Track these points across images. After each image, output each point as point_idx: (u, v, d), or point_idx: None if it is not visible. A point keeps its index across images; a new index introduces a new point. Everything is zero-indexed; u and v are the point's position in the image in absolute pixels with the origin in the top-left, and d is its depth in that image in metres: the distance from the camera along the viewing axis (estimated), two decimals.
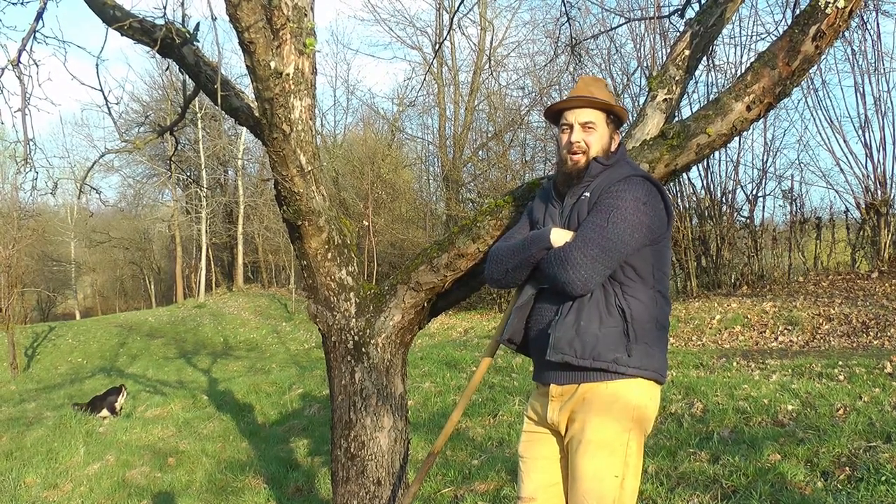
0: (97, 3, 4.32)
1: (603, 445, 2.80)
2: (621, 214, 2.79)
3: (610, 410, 2.81)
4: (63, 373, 21.57)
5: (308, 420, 9.42)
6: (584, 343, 2.79)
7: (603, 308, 2.82)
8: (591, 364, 2.79)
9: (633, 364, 2.79)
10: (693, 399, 7.16)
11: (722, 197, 16.45)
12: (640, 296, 2.84)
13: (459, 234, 3.94)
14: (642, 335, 2.81)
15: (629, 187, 2.85)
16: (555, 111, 3.12)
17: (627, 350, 2.78)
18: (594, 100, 3.01)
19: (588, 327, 2.80)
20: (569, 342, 2.81)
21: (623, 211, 2.79)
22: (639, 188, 2.85)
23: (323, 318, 4.13)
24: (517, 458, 3.16)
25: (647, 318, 2.83)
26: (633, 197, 2.82)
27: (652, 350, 2.84)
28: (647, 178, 2.92)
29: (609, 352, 2.78)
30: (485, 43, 26.22)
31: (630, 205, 2.80)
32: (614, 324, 2.80)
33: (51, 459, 9.04)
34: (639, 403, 2.83)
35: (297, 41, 3.69)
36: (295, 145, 3.66)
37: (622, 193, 2.83)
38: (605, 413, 2.81)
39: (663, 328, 2.91)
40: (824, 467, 4.86)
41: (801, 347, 10.64)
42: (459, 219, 20.68)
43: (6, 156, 34.86)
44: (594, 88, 3.05)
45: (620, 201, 2.81)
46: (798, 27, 3.38)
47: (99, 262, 47.43)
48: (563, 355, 2.81)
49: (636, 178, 2.89)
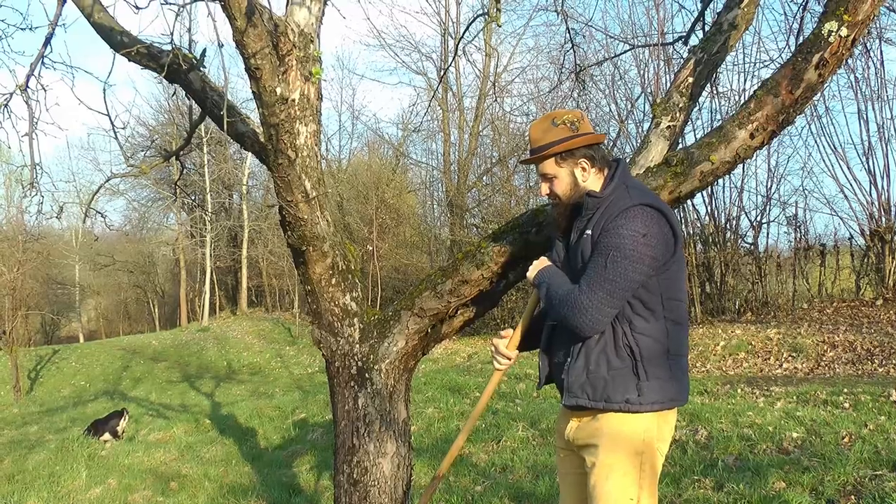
0: (105, 28, 4.37)
1: (616, 468, 2.83)
2: (622, 253, 2.76)
3: (620, 436, 2.84)
4: (66, 396, 21.56)
5: (311, 445, 9.38)
6: (595, 388, 2.85)
7: (611, 350, 2.83)
8: (605, 406, 2.84)
9: (645, 401, 2.81)
10: (697, 426, 7.13)
11: (726, 223, 16.46)
12: (650, 331, 2.83)
13: (463, 261, 3.94)
14: (653, 371, 2.82)
15: (626, 222, 2.79)
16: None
17: (638, 389, 2.80)
18: (534, 155, 3.01)
19: (597, 371, 2.84)
20: (580, 386, 2.88)
21: (623, 249, 2.76)
22: (636, 220, 2.79)
23: (326, 343, 4.13)
24: (521, 482, 3.16)
25: (658, 353, 2.83)
26: (632, 232, 2.77)
27: (666, 383, 2.84)
28: (646, 204, 2.83)
29: (619, 394, 2.81)
30: (489, 69, 26.36)
31: (629, 241, 2.76)
32: (623, 364, 2.81)
33: (53, 483, 9.00)
34: (648, 427, 2.84)
35: (303, 67, 3.71)
36: (300, 171, 3.68)
37: (620, 230, 2.78)
38: (616, 439, 2.84)
39: (678, 355, 2.90)
40: (829, 496, 4.83)
41: (805, 375, 10.60)
42: (463, 244, 20.71)
43: (13, 180, 35.05)
44: (538, 134, 3.01)
45: (619, 238, 2.77)
46: (801, 55, 3.39)
47: (103, 285, 47.45)
48: (576, 399, 2.90)
49: (634, 210, 2.81)
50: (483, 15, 4.70)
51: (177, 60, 4.02)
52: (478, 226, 23.91)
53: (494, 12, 3.35)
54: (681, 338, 2.92)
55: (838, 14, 3.24)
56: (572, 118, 2.99)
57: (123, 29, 4.36)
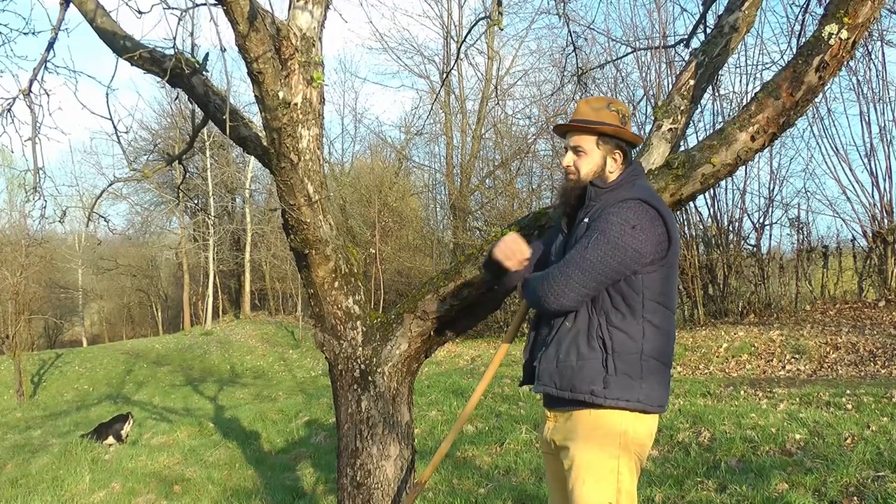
0: (108, 33, 4.38)
1: (591, 471, 2.82)
2: (605, 237, 2.77)
3: (594, 437, 2.83)
4: (69, 400, 21.55)
5: (314, 448, 9.39)
6: (562, 375, 2.85)
7: (583, 340, 2.83)
8: (570, 396, 2.84)
9: (610, 395, 2.79)
10: (700, 428, 7.13)
11: (729, 225, 16.45)
12: (626, 327, 2.81)
13: (466, 264, 3.95)
14: (624, 367, 2.79)
15: (618, 210, 2.81)
16: (560, 133, 3.14)
17: (604, 382, 2.78)
18: (580, 125, 3.00)
19: (566, 360, 2.84)
20: (549, 374, 2.89)
21: (607, 234, 2.77)
22: (629, 211, 2.80)
23: (329, 346, 4.14)
24: (525, 485, 3.16)
25: (630, 350, 2.81)
26: (621, 220, 2.78)
27: (634, 382, 2.80)
28: (645, 201, 2.84)
29: (585, 384, 2.80)
30: (492, 72, 26.41)
31: (615, 228, 2.77)
32: (594, 356, 2.80)
33: (56, 487, 9.00)
34: (624, 430, 2.82)
35: (306, 71, 3.73)
36: (303, 175, 3.69)
37: (610, 217, 2.80)
38: (590, 439, 2.84)
39: (654, 360, 2.84)
40: (832, 497, 4.83)
41: (808, 376, 10.59)
42: (466, 247, 20.69)
43: (16, 184, 35.10)
44: (589, 110, 3.01)
45: (607, 224, 2.79)
46: (802, 58, 3.41)
47: (106, 289, 47.46)
48: (544, 387, 2.91)
49: (630, 202, 2.83)
50: (485, 18, 4.72)
51: (179, 65, 4.04)
52: (480, 229, 23.92)
53: (496, 16, 3.37)
54: (659, 343, 2.87)
55: (839, 17, 3.26)
56: (626, 112, 3.04)
57: (126, 33, 4.38)
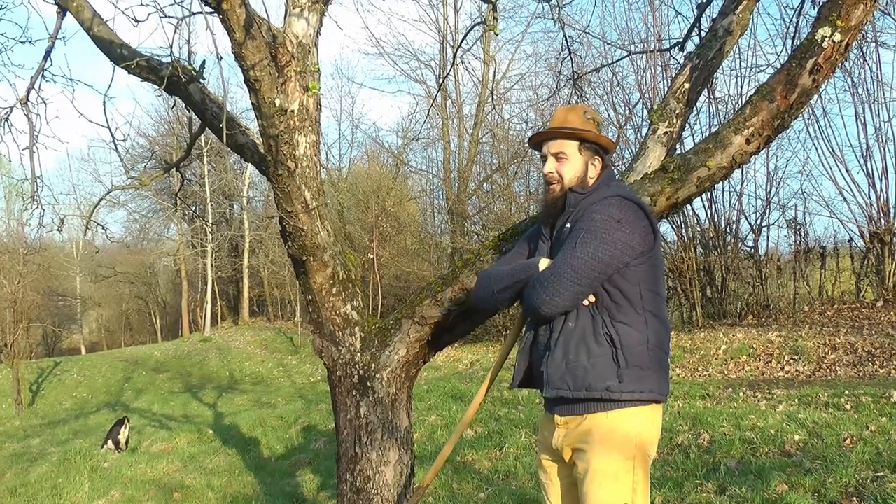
0: (105, 41, 4.39)
1: (608, 474, 2.82)
2: (593, 234, 2.79)
3: (612, 440, 2.83)
4: (68, 408, 21.53)
5: (314, 454, 9.39)
6: (575, 376, 2.84)
7: (591, 338, 2.83)
8: (585, 395, 2.83)
9: (626, 389, 2.80)
10: (699, 430, 7.14)
11: (726, 227, 16.45)
12: (630, 320, 2.84)
13: (463, 269, 3.96)
14: (633, 359, 2.81)
15: (601, 208, 2.85)
16: (535, 144, 3.16)
17: (619, 377, 2.79)
18: (562, 130, 3.03)
19: (577, 360, 2.84)
20: (560, 377, 2.87)
21: (594, 231, 2.79)
22: (612, 207, 2.84)
23: (328, 352, 4.15)
24: (525, 489, 3.16)
25: (637, 342, 2.83)
26: (606, 216, 2.81)
27: (645, 373, 2.83)
28: (624, 197, 2.89)
29: (600, 381, 2.80)
30: (488, 76, 26.47)
31: (601, 224, 2.80)
32: (603, 353, 2.81)
33: (55, 495, 9.00)
34: (639, 430, 2.84)
35: (302, 78, 3.74)
36: (300, 181, 3.70)
37: (594, 215, 2.83)
38: (608, 442, 2.83)
39: (658, 349, 2.88)
40: (832, 497, 4.84)
41: (807, 377, 10.60)
42: (464, 251, 20.71)
43: (13, 193, 35.09)
44: (570, 117, 3.05)
45: (592, 223, 2.82)
46: (795, 61, 3.42)
47: (104, 296, 47.44)
48: (557, 391, 2.89)
49: (611, 199, 2.87)
50: (481, 23, 4.73)
51: (176, 73, 4.05)
52: (478, 233, 23.93)
53: (492, 21, 3.38)
54: (661, 331, 2.91)
55: (832, 20, 3.28)
56: (599, 120, 3.12)
57: (123, 42, 4.39)
